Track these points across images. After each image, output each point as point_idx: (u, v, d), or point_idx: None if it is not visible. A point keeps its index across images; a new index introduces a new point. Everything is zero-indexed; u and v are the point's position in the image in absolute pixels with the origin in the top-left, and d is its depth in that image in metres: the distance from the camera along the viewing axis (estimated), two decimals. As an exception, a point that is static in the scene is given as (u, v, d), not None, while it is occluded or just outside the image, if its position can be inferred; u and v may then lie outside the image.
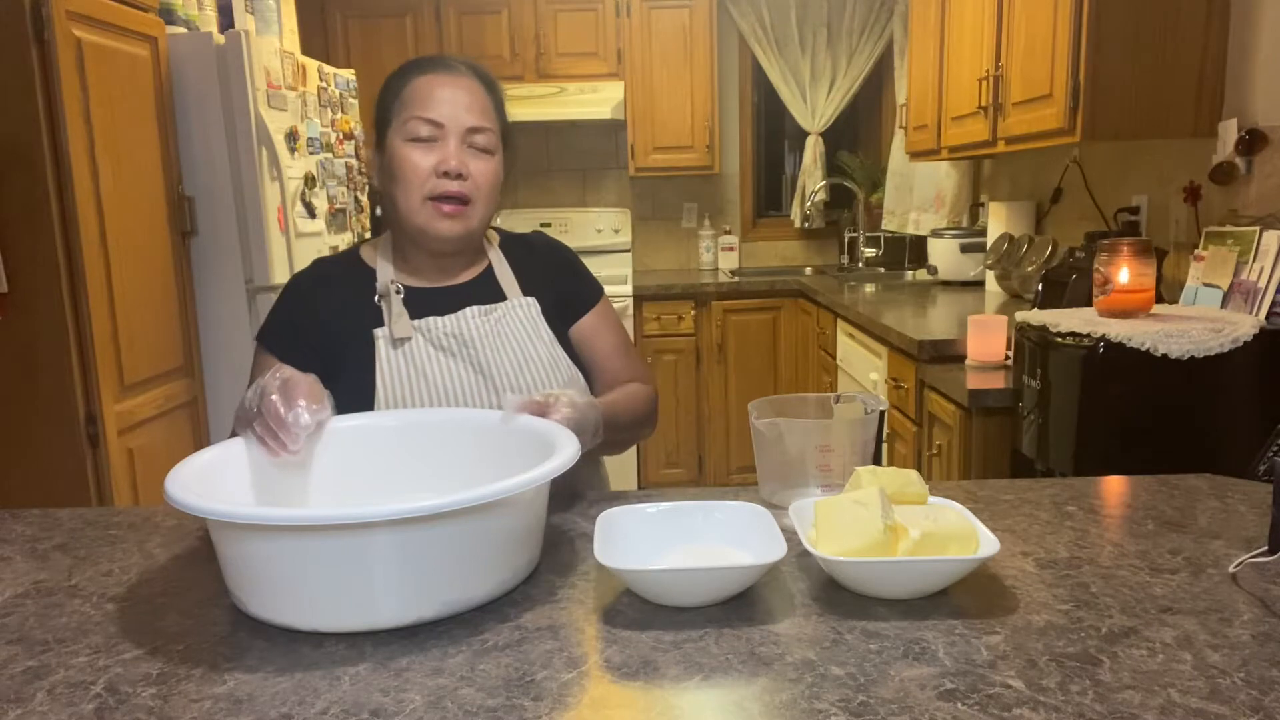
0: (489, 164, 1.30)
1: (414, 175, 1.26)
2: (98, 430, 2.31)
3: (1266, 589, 0.89)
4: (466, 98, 1.28)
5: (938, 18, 3.19)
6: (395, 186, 1.28)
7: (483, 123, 1.28)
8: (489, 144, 1.29)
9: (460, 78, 1.29)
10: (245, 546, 0.85)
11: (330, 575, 0.82)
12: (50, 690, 0.76)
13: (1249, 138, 2.04)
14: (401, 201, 1.28)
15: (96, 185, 2.32)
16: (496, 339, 1.32)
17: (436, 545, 0.84)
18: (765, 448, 1.10)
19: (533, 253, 1.44)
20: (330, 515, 0.82)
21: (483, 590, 0.89)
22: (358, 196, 3.53)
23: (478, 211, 1.30)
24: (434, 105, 1.26)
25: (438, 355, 1.29)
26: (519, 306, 1.36)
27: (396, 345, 1.29)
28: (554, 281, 1.42)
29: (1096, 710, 0.69)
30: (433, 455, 1.13)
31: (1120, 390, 1.70)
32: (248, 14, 3.03)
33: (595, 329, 1.42)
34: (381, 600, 0.84)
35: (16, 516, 1.20)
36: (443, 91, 1.27)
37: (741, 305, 4.20)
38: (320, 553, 0.82)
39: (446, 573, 0.86)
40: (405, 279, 1.34)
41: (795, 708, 0.70)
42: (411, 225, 1.29)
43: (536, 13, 4.30)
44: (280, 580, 0.84)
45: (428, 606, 0.85)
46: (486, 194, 1.30)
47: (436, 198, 1.26)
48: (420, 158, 1.26)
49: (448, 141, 1.26)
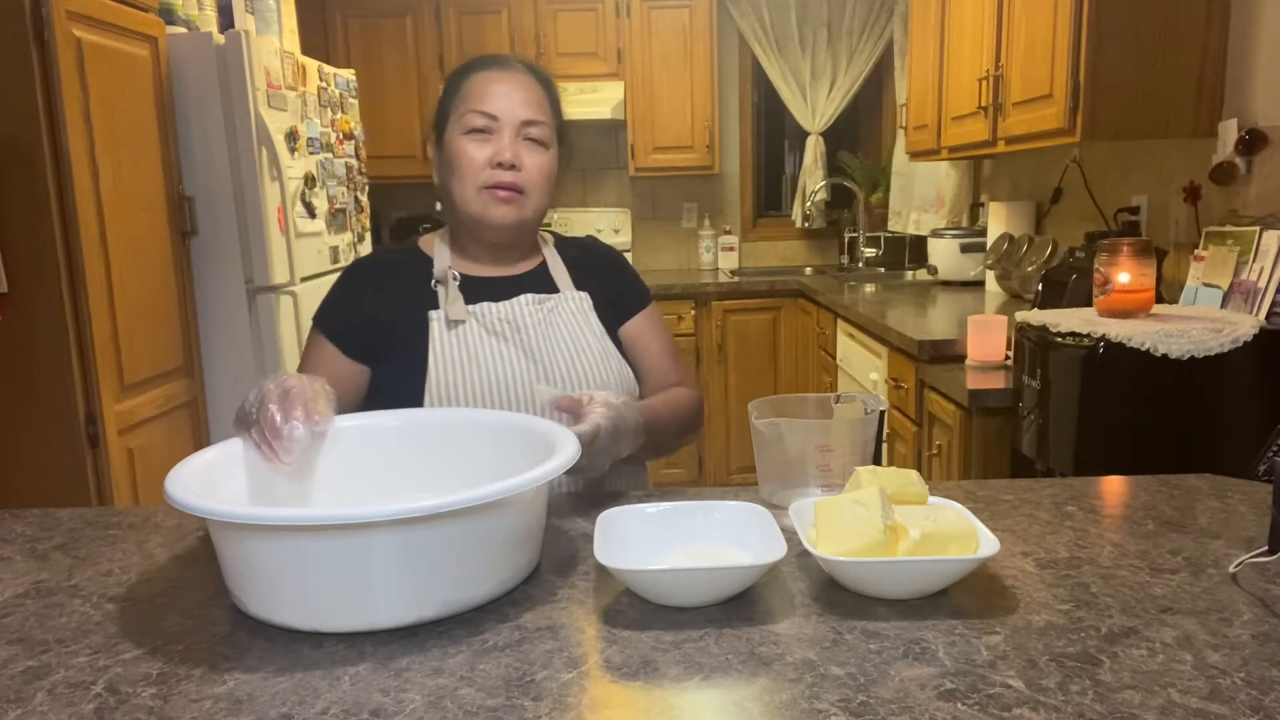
0: (543, 157, 1.33)
1: (470, 166, 1.29)
2: (98, 430, 2.31)
3: (1266, 589, 0.89)
4: (522, 93, 1.31)
5: (938, 18, 3.19)
6: (452, 178, 1.32)
7: (537, 116, 1.32)
8: (543, 136, 1.32)
9: (516, 74, 1.33)
10: (245, 547, 0.85)
11: (330, 575, 0.82)
12: (50, 690, 0.76)
13: (1249, 138, 2.04)
14: (457, 192, 1.32)
15: (96, 185, 2.32)
16: (549, 328, 1.35)
17: (437, 545, 0.84)
18: (765, 448, 1.10)
19: (586, 253, 1.48)
20: (329, 515, 0.82)
21: (483, 590, 0.89)
22: (358, 196, 3.53)
23: (531, 201, 1.33)
24: (489, 99, 1.30)
25: (490, 339, 1.32)
26: (571, 300, 1.39)
27: (451, 327, 1.31)
28: (606, 281, 1.45)
29: (1096, 710, 0.69)
30: (433, 455, 1.13)
31: (1120, 390, 1.70)
32: (248, 14, 3.03)
33: (643, 331, 1.45)
34: (381, 600, 0.84)
35: (16, 516, 1.20)
36: (499, 86, 1.31)
37: (741, 305, 4.20)
38: (320, 553, 0.82)
39: (447, 573, 0.86)
40: (462, 268, 1.37)
41: (795, 708, 0.70)
42: (467, 214, 1.32)
43: (536, 13, 4.30)
44: (280, 580, 0.84)
45: (428, 607, 0.85)
46: (540, 185, 1.33)
47: (491, 186, 1.29)
48: (476, 149, 1.30)
49: (502, 134, 1.30)
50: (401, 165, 4.37)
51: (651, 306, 1.49)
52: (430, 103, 4.31)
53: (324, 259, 3.21)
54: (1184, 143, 2.27)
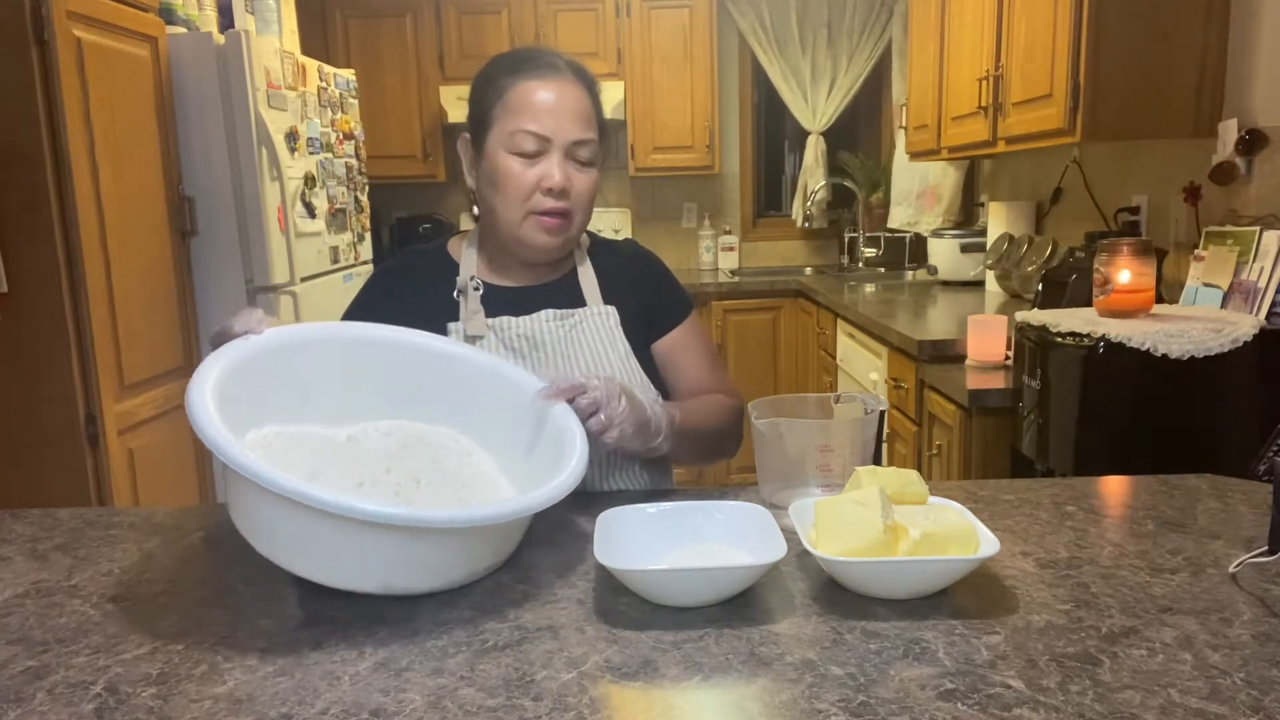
0: (590, 177, 1.28)
1: (517, 190, 1.24)
2: (98, 430, 2.31)
3: (1266, 589, 0.89)
4: (572, 106, 1.25)
5: (938, 18, 3.19)
6: (495, 196, 1.26)
7: (586, 134, 1.25)
8: (592, 156, 1.27)
9: (565, 83, 1.25)
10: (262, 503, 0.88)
11: (331, 542, 0.86)
12: (50, 690, 0.76)
13: (1249, 138, 2.04)
14: (502, 211, 1.26)
15: (96, 185, 2.32)
16: (569, 345, 1.30)
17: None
18: (765, 448, 1.10)
19: (620, 261, 1.41)
20: (326, 503, 0.83)
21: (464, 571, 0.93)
22: (357, 196, 3.53)
23: (576, 223, 1.29)
24: (540, 117, 1.23)
25: (508, 356, 1.28)
26: (597, 315, 1.33)
27: (470, 343, 1.28)
28: (640, 293, 1.38)
29: (1096, 710, 0.69)
30: (439, 386, 1.15)
31: (1120, 390, 1.70)
32: (248, 14, 3.03)
33: (680, 346, 1.39)
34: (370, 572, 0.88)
35: (16, 516, 1.20)
36: (549, 100, 1.23)
37: (741, 305, 4.20)
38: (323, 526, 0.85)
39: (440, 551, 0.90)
40: (487, 276, 1.34)
41: (795, 708, 0.70)
42: (510, 236, 1.28)
43: (536, 13, 4.30)
44: (285, 532, 0.88)
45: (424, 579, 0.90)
46: (586, 205, 1.28)
47: (539, 213, 1.25)
48: (523, 170, 1.23)
49: (551, 156, 1.24)
50: (401, 165, 4.37)
51: (691, 319, 1.41)
52: (430, 102, 4.33)
53: (324, 259, 3.21)
54: (1184, 143, 2.27)
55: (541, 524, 1.10)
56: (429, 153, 4.39)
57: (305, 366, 1.09)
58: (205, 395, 0.91)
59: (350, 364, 1.13)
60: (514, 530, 0.98)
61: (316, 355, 1.11)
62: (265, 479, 0.81)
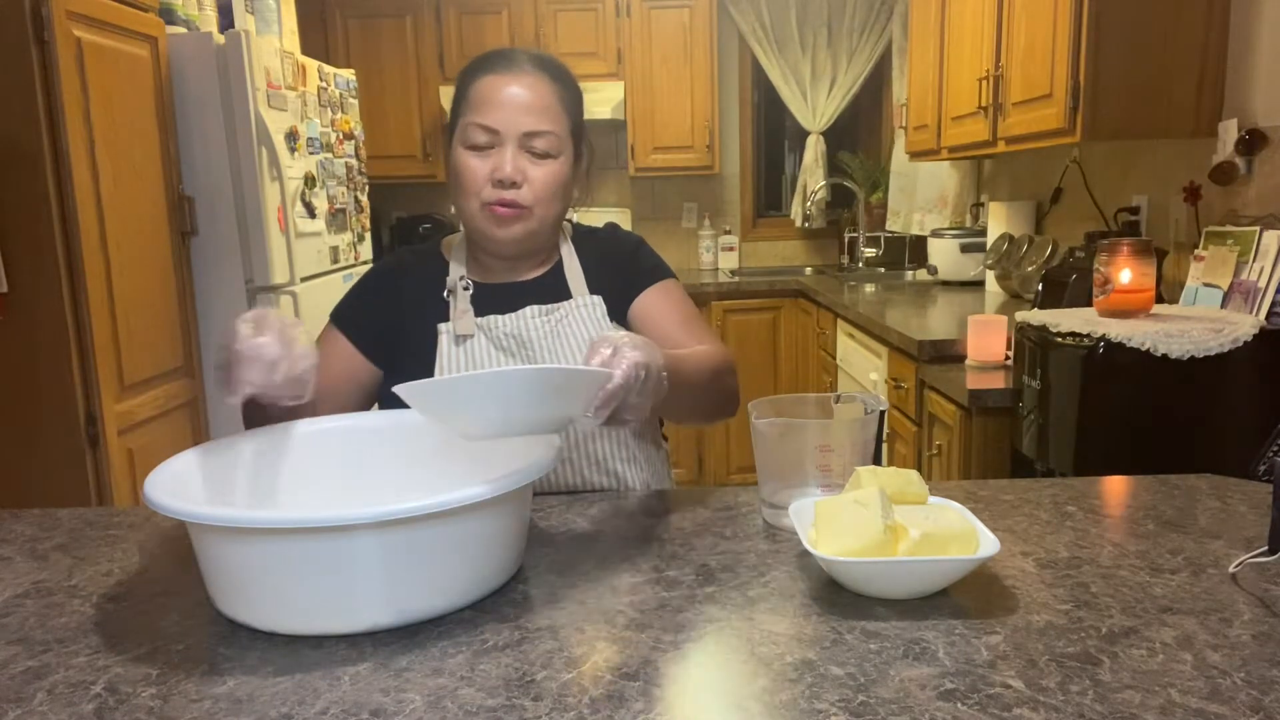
0: (549, 167, 1.27)
1: (471, 182, 1.26)
2: (98, 430, 2.31)
3: (1266, 589, 0.89)
4: (528, 97, 1.25)
5: (938, 18, 3.19)
6: (456, 190, 1.29)
7: (540, 126, 1.25)
8: (549, 147, 1.26)
9: (524, 75, 1.26)
10: (223, 549, 0.84)
11: (309, 577, 0.82)
12: (50, 690, 0.76)
13: (1249, 138, 2.04)
14: (462, 205, 1.29)
15: (96, 185, 2.32)
16: (556, 340, 1.31)
17: (417, 547, 0.83)
18: (765, 448, 1.10)
19: (599, 246, 1.41)
20: (312, 519, 0.80)
21: (461, 597, 0.88)
22: (357, 196, 3.53)
23: (538, 215, 1.28)
24: (491, 110, 1.24)
25: (498, 355, 1.29)
26: (583, 306, 1.33)
27: (459, 342, 1.29)
28: (619, 272, 1.37)
29: (1096, 710, 0.69)
30: (416, 458, 1.10)
31: (1120, 390, 1.70)
32: (248, 14, 3.03)
33: (654, 305, 1.35)
34: (363, 604, 0.83)
35: (16, 516, 1.20)
36: (502, 93, 1.25)
37: (741, 305, 4.20)
38: (298, 554, 0.81)
39: (428, 575, 0.85)
40: (476, 275, 1.35)
41: (795, 708, 0.70)
42: (472, 229, 1.31)
43: (536, 13, 4.30)
44: (257, 583, 0.83)
45: (408, 612, 0.85)
46: (547, 197, 1.28)
47: (492, 204, 1.26)
48: (477, 164, 1.25)
49: (504, 148, 1.24)
50: (401, 165, 4.37)
51: (668, 283, 1.38)
52: (430, 102, 4.33)
53: (324, 259, 3.21)
54: (1184, 143, 2.27)
55: (542, 524, 1.09)
56: (429, 153, 4.39)
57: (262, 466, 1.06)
58: (163, 477, 0.91)
59: (299, 460, 1.09)
60: (515, 536, 0.96)
61: (267, 457, 1.08)
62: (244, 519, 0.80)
